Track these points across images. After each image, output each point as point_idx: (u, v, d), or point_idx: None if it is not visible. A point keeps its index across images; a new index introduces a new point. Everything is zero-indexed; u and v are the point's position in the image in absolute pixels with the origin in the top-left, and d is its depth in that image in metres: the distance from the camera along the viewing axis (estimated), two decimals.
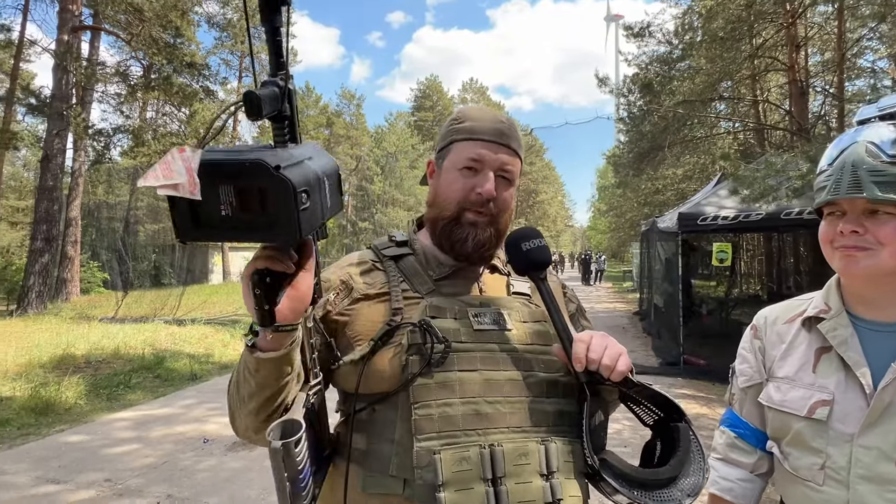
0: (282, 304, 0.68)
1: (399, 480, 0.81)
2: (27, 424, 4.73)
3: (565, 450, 0.85)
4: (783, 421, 0.98)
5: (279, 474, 0.70)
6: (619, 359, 0.82)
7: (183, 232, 0.57)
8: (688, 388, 6.00)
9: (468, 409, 0.82)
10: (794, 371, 0.99)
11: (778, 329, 1.05)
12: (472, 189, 0.92)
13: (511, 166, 0.94)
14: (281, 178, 0.52)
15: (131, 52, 16.96)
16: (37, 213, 13.03)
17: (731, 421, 1.13)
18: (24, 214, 28.12)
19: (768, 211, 5.81)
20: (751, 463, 1.07)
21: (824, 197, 0.92)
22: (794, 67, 9.79)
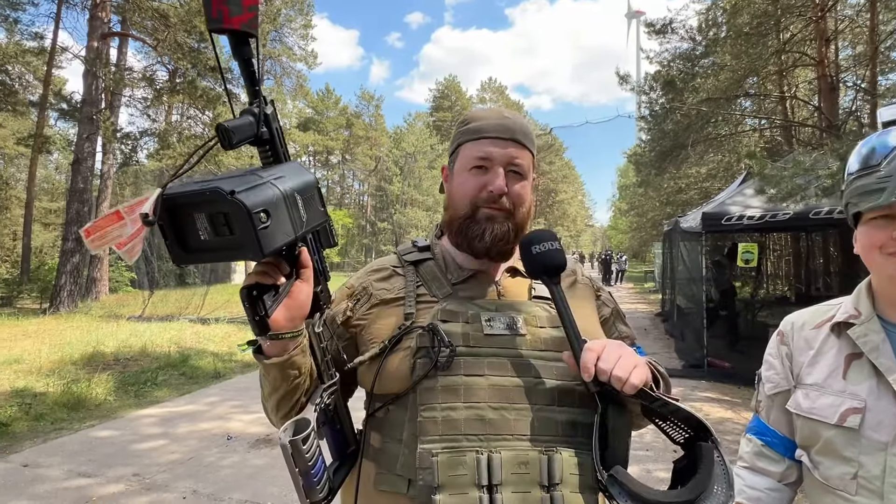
0: (277, 313, 0.73)
1: (404, 480, 0.83)
2: (60, 419, 4.89)
3: (572, 462, 0.81)
4: (812, 429, 0.95)
5: (291, 469, 0.76)
6: (634, 370, 0.76)
7: (176, 258, 0.64)
8: (712, 391, 5.88)
9: (472, 413, 0.82)
10: (823, 378, 0.96)
11: (805, 335, 1.03)
12: (483, 187, 0.93)
13: (520, 160, 0.94)
14: (235, 201, 0.58)
15: (157, 58, 17.40)
16: (68, 215, 13.46)
17: (757, 428, 1.10)
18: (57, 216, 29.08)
19: (796, 210, 5.65)
20: (779, 472, 1.05)
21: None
22: (824, 62, 9.50)
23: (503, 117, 0.96)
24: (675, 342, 8.70)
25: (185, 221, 0.62)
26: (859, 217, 0.92)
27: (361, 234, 42.52)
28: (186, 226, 0.62)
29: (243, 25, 0.63)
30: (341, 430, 0.91)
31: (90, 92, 13.67)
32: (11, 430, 4.55)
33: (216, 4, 0.61)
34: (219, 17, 0.61)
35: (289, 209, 0.65)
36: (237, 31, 0.63)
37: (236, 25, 0.62)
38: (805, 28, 9.88)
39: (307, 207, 0.69)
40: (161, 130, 18.02)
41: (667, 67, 11.31)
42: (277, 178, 0.65)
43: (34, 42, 18.55)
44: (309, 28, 27.58)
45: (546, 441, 0.82)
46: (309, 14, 27.01)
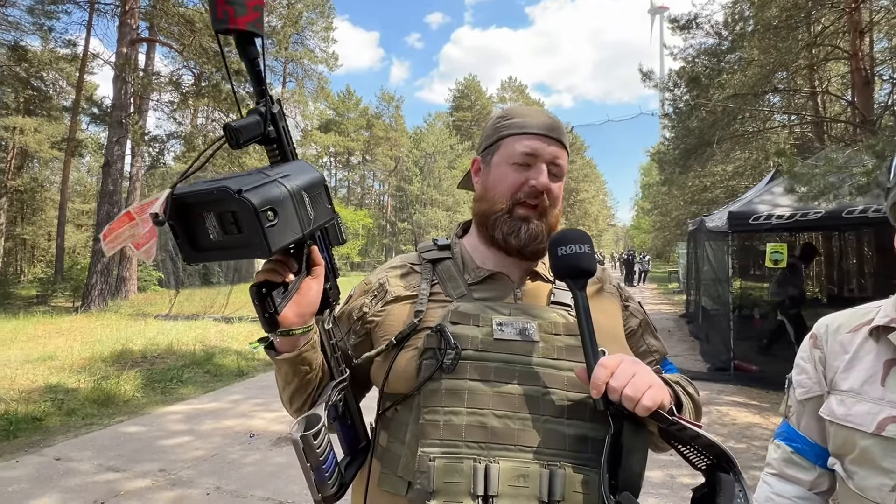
0: (287, 310, 0.74)
1: (404, 482, 0.82)
2: (90, 415, 5.04)
3: (577, 479, 0.77)
4: (847, 437, 0.91)
5: (303, 464, 0.77)
6: (648, 391, 0.70)
7: (187, 257, 0.65)
8: (739, 395, 5.73)
9: (473, 420, 0.79)
10: (859, 384, 0.92)
11: (841, 338, 0.98)
12: (525, 182, 0.91)
13: (561, 160, 0.94)
14: (242, 200, 0.58)
15: (183, 62, 17.84)
16: (99, 216, 13.89)
17: (787, 434, 1.06)
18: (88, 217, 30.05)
19: (828, 209, 5.46)
20: (809, 480, 1.01)
21: None
22: (858, 55, 9.16)
23: (548, 117, 0.96)
24: (700, 344, 8.50)
25: (195, 221, 0.63)
26: None
27: (382, 235, 42.81)
28: (196, 225, 0.63)
29: (249, 25, 0.63)
30: (352, 425, 0.92)
31: (119, 96, 14.08)
32: (45, 425, 4.71)
33: (221, 5, 0.62)
34: (224, 17, 0.62)
35: (296, 207, 0.66)
36: (243, 32, 0.64)
37: (242, 26, 0.63)
38: (838, 20, 9.54)
39: (315, 205, 0.70)
40: (187, 133, 18.47)
41: (691, 63, 11.06)
42: (284, 177, 0.66)
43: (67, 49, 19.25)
44: (330, 30, 27.90)
45: (550, 455, 0.78)
46: (330, 17, 27.32)
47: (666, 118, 12.89)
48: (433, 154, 41.78)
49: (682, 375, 0.98)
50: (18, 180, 24.44)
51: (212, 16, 0.63)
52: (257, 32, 0.65)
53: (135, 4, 14.52)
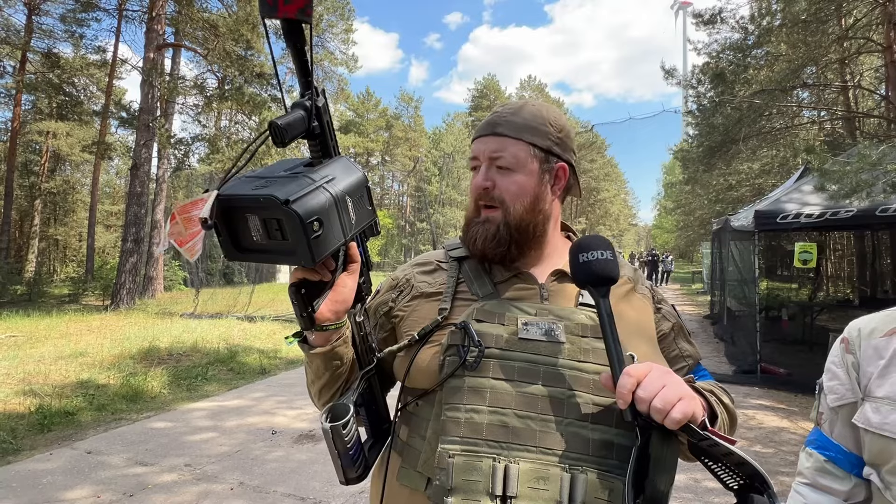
0: (323, 306, 0.76)
1: (423, 477, 0.82)
2: (120, 410, 5.19)
3: (600, 485, 0.74)
4: (884, 446, 0.88)
5: (331, 450, 0.81)
6: (678, 404, 0.66)
7: (228, 254, 0.66)
8: (765, 398, 5.59)
9: (495, 419, 0.78)
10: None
11: (875, 343, 0.95)
12: (476, 186, 0.93)
13: (500, 152, 0.91)
14: (290, 211, 0.58)
15: (207, 66, 18.22)
16: (127, 217, 14.28)
17: (819, 442, 1.03)
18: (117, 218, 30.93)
19: (860, 208, 5.28)
20: (845, 490, 0.97)
21: None
22: (892, 47, 8.84)
23: (495, 112, 0.95)
24: (726, 346, 8.32)
25: (239, 221, 0.63)
26: None
27: (401, 235, 43.04)
28: (240, 225, 0.63)
29: (298, 13, 0.60)
30: (376, 410, 0.94)
31: (146, 101, 14.45)
32: (77, 419, 4.87)
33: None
34: (273, 4, 0.59)
35: (340, 214, 0.65)
36: (291, 19, 0.61)
37: (291, 13, 0.60)
38: (871, 12, 9.22)
39: (357, 208, 0.69)
40: (211, 136, 18.87)
41: (716, 59, 10.83)
42: (329, 181, 0.65)
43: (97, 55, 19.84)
44: (350, 33, 28.13)
45: (573, 459, 0.75)
46: (350, 19, 27.55)
47: (689, 115, 12.66)
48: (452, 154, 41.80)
49: (717, 383, 0.95)
50: (51, 183, 25.32)
51: (260, 2, 0.60)
52: (306, 20, 0.62)
53: (161, 10, 14.88)
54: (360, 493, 3.34)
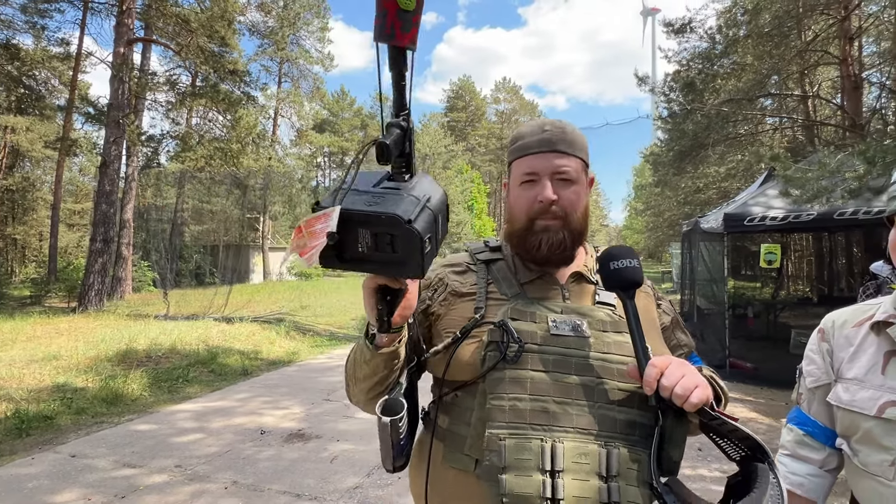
0: (396, 311, 0.84)
1: (471, 459, 0.91)
2: (100, 413, 5.10)
3: (630, 457, 0.86)
4: (852, 420, 1.04)
5: (386, 442, 0.89)
6: (695, 390, 0.79)
7: (326, 261, 0.69)
8: (734, 392, 5.89)
9: (536, 405, 0.88)
10: (862, 373, 1.04)
11: (846, 332, 1.11)
12: (534, 199, 0.99)
13: (566, 166, 1.00)
14: (412, 230, 0.65)
15: (180, 62, 17.81)
16: (96, 216, 13.84)
17: (799, 419, 1.19)
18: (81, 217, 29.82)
19: (820, 211, 5.65)
20: (820, 459, 1.13)
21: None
22: (847, 60, 9.40)
23: (543, 130, 1.02)
24: (696, 343, 8.65)
25: (349, 233, 0.67)
26: (893, 221, 1.02)
27: None
28: (347, 236, 0.67)
29: (410, 42, 0.67)
30: (413, 402, 1.01)
31: (117, 96, 14.03)
32: (56, 423, 4.77)
33: (392, 19, 0.65)
34: (392, 32, 0.65)
35: (436, 230, 0.72)
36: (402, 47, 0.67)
37: (405, 42, 0.66)
38: (828, 28, 9.77)
39: (443, 223, 0.76)
40: (183, 133, 18.43)
41: (686, 67, 11.27)
42: (429, 200, 0.71)
43: (60, 48, 19.14)
44: (325, 31, 27.92)
45: (606, 437, 0.87)
46: (325, 17, 27.35)
47: (660, 121, 13.10)
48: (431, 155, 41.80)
49: (711, 369, 1.10)
50: (10, 180, 24.23)
51: (378, 26, 0.64)
52: (413, 49, 0.68)
53: (132, 4, 14.48)
54: (354, 489, 3.41)
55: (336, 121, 43.20)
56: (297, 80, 28.35)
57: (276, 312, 12.57)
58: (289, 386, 6.26)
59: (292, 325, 10.62)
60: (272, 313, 12.37)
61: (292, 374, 7.03)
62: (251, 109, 18.14)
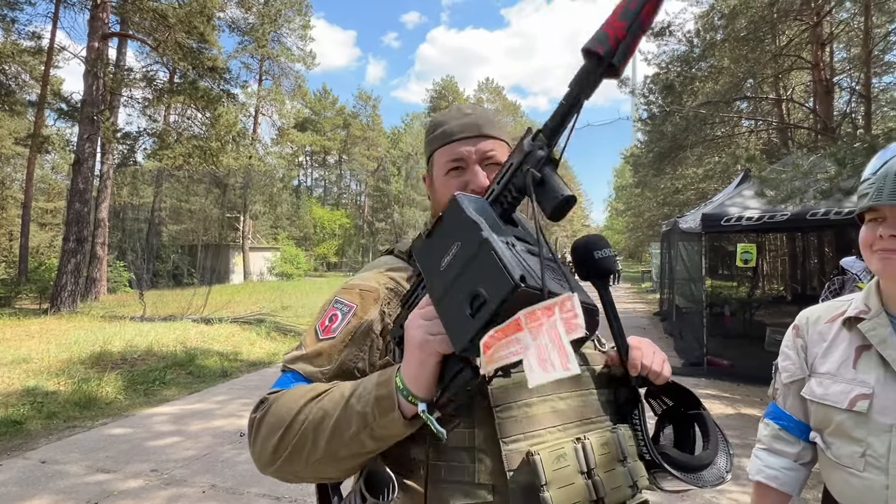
0: None
1: (487, 487, 0.77)
2: (72, 417, 4.96)
3: (628, 435, 0.88)
4: (825, 413, 1.06)
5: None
6: (664, 366, 0.90)
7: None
8: (711, 388, 6.01)
9: (546, 406, 0.82)
10: (835, 367, 1.07)
11: (820, 328, 1.13)
12: (464, 188, 0.92)
13: (494, 151, 0.94)
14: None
15: (157, 58, 17.43)
16: (69, 215, 13.46)
17: (774, 414, 1.21)
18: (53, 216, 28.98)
19: (794, 212, 5.79)
20: (795, 452, 1.15)
21: (866, 203, 0.99)
22: (819, 65, 9.67)
23: (465, 115, 0.96)
24: (675, 341, 8.83)
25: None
26: (863, 218, 1.04)
27: (359, 235, 42.56)
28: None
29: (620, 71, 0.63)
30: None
31: (91, 92, 13.67)
32: (26, 428, 4.62)
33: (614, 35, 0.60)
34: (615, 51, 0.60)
35: None
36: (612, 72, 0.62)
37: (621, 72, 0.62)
38: (801, 33, 10.04)
39: None
40: (160, 130, 18.04)
41: (665, 70, 11.46)
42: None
43: (31, 42, 18.55)
44: (307, 29, 27.63)
45: (605, 421, 0.88)
46: (307, 15, 27.06)
47: (640, 122, 13.30)
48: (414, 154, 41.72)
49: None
50: None
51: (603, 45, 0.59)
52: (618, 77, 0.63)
53: None
54: None
55: (318, 120, 42.82)
56: (278, 78, 28.02)
57: (257, 313, 12.39)
58: (269, 387, 6.17)
59: (273, 325, 10.47)
60: (252, 314, 12.19)
61: (273, 375, 6.93)
62: (231, 107, 17.84)
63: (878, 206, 0.98)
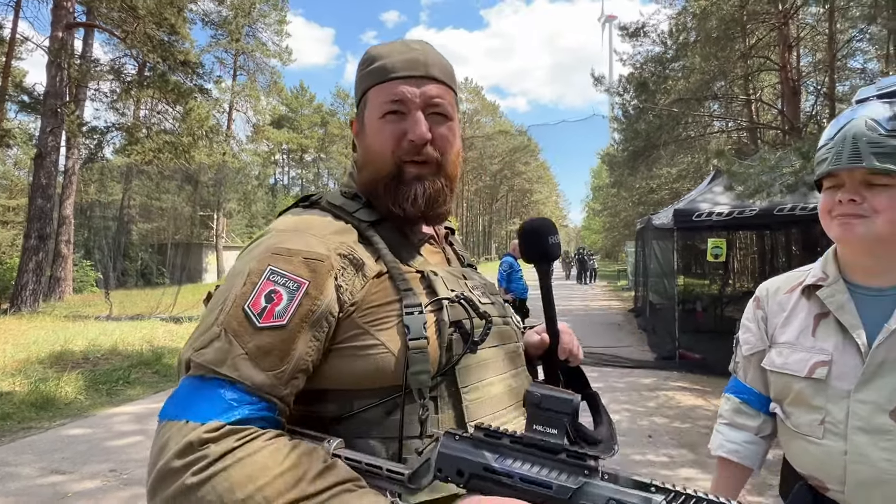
0: None
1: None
2: (28, 418, 4.73)
3: None
4: (785, 383, 1.04)
5: None
6: (580, 350, 0.93)
7: None
8: (683, 381, 6.09)
9: (504, 385, 0.78)
10: (794, 336, 1.05)
11: (779, 299, 1.12)
12: (402, 135, 0.77)
13: (440, 98, 0.79)
14: None
15: (126, 50, 16.90)
16: (30, 211, 12.94)
17: (736, 388, 1.19)
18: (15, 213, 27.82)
19: (762, 207, 5.93)
20: (755, 426, 1.14)
21: (825, 168, 0.98)
22: (787, 67, 9.94)
23: (411, 49, 0.80)
24: (648, 336, 8.96)
25: None
26: (821, 185, 1.03)
27: None
28: None
29: None
30: None
31: (54, 84, 13.16)
32: None
33: None
34: None
35: None
36: None
37: None
38: (769, 34, 10.31)
39: None
40: (129, 125, 17.51)
41: (639, 69, 11.64)
42: None
43: None
44: (283, 24, 27.21)
45: None
46: (283, 10, 26.64)
47: (616, 121, 13.49)
48: None
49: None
50: None
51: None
52: None
53: None
54: None
55: (295, 117, 42.27)
56: (253, 74, 27.50)
57: None
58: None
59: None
60: None
61: None
62: (204, 102, 17.42)
63: (836, 172, 0.96)
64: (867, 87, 1.00)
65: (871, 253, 0.97)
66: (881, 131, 0.91)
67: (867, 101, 0.97)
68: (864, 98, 0.99)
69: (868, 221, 0.93)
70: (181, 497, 0.56)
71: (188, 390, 0.62)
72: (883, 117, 0.92)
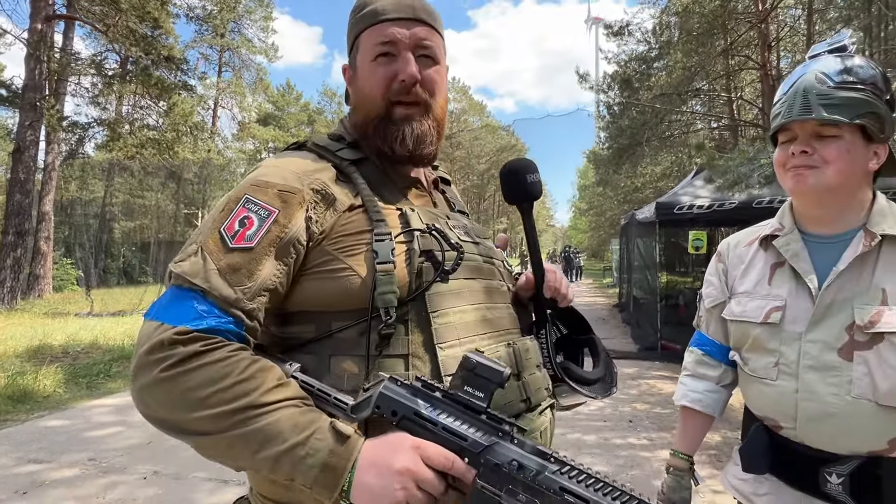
0: None
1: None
2: (4, 411, 4.64)
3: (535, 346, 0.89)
4: (743, 330, 1.09)
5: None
6: (570, 290, 0.97)
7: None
8: (664, 370, 6.19)
9: (478, 315, 0.81)
10: (752, 286, 1.10)
11: (739, 252, 1.16)
12: (393, 77, 0.82)
13: (429, 41, 0.84)
14: None
15: (107, 44, 16.63)
16: (8, 207, 12.68)
17: (698, 341, 1.24)
18: None
19: (741, 200, 6.04)
20: (716, 375, 1.18)
21: (779, 121, 1.02)
22: (766, 66, 10.14)
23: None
24: (632, 329, 9.07)
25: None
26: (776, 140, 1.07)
27: None
28: None
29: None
30: None
31: (33, 77, 12.92)
32: None
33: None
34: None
35: None
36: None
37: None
38: (749, 32, 10.51)
39: None
40: (111, 120, 17.22)
41: (624, 67, 11.78)
42: None
43: None
44: (269, 21, 26.98)
45: (517, 332, 0.88)
46: (270, 6, 26.42)
47: (601, 119, 13.63)
48: None
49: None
50: None
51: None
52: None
53: None
54: None
55: (282, 115, 41.85)
56: (238, 70, 27.20)
57: None
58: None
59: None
60: None
61: None
62: (188, 98, 17.19)
63: (789, 125, 1.00)
64: (819, 44, 1.05)
65: (822, 203, 1.01)
66: (830, 84, 0.96)
67: (819, 56, 1.02)
68: (817, 53, 1.03)
69: (818, 172, 0.97)
70: (153, 387, 0.66)
71: (168, 297, 0.71)
72: (832, 70, 0.97)
